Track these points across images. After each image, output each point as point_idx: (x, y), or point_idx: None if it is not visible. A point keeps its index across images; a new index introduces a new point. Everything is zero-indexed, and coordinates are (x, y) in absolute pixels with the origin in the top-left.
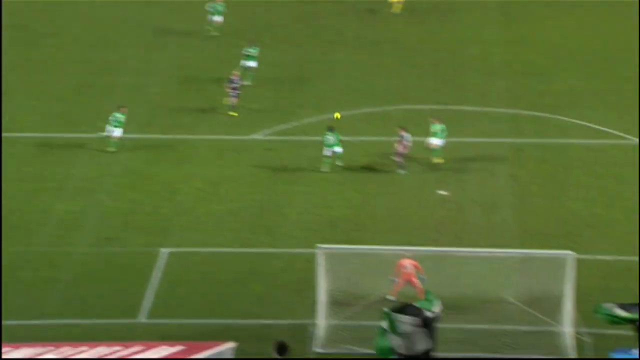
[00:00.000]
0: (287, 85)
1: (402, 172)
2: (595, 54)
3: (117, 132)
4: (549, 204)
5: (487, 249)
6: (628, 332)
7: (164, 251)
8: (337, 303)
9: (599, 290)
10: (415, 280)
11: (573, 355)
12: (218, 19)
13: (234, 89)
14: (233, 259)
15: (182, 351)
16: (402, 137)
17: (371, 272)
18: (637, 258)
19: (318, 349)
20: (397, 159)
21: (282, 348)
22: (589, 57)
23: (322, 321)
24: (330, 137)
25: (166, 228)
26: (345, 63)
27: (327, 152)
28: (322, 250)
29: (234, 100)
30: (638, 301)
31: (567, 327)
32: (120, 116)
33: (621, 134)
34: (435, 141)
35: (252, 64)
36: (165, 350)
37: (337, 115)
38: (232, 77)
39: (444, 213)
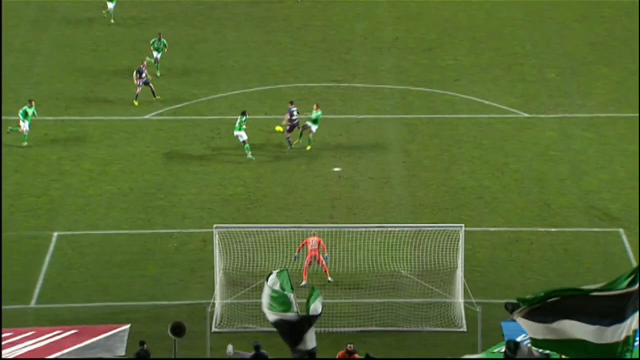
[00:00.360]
0: (178, 64)
1: (288, 148)
2: (483, 30)
3: (26, 126)
4: (440, 178)
5: (381, 224)
6: (513, 300)
7: (54, 234)
8: (233, 282)
9: (487, 261)
10: (321, 258)
11: (464, 325)
12: (110, 5)
13: (140, 78)
14: (126, 240)
15: (76, 335)
16: (290, 111)
17: (267, 249)
18: (523, 229)
19: (215, 328)
20: (287, 135)
21: (178, 329)
22: (477, 33)
23: (218, 300)
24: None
25: (55, 210)
26: (236, 41)
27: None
28: (218, 230)
29: (139, 90)
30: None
31: (458, 298)
32: (30, 110)
33: (507, 107)
34: (314, 127)
35: (158, 55)
36: (58, 335)
37: (279, 128)
38: (141, 67)
39: (338, 189)
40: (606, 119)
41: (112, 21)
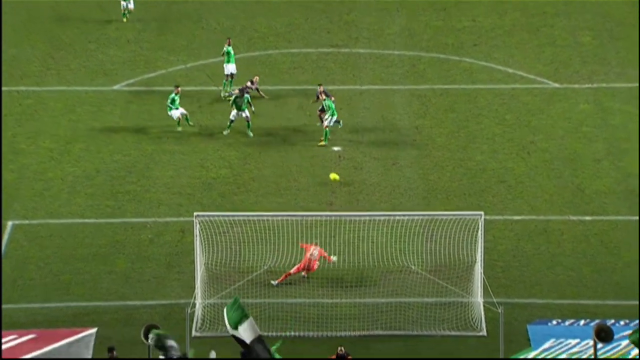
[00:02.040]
0: (152, 27)
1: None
2: None
3: None
4: (456, 159)
5: (387, 212)
6: (540, 300)
7: (8, 224)
8: (217, 279)
9: (511, 255)
10: (316, 267)
11: (483, 328)
12: None
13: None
14: (92, 231)
15: (34, 340)
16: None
17: (255, 241)
18: (552, 217)
19: (196, 332)
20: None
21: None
22: None
23: (199, 300)
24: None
25: (9, 196)
26: (216, 2)
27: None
28: (199, 218)
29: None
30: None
31: (476, 297)
32: None
33: (534, 76)
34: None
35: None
36: (13, 341)
37: (335, 176)
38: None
39: (338, 172)
40: None
41: None
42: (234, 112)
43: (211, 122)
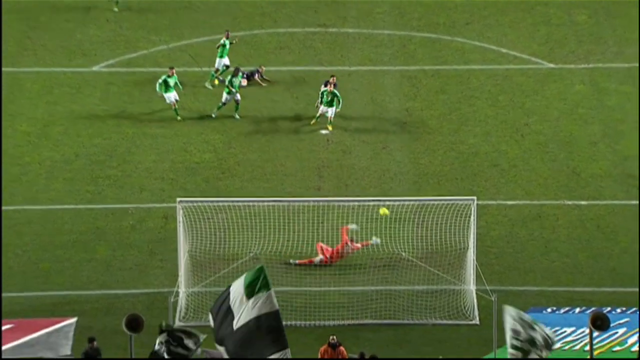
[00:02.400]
0: (133, 5)
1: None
2: None
3: None
4: (447, 142)
5: (377, 197)
6: (535, 287)
7: None
8: (201, 266)
9: (504, 241)
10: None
11: (476, 316)
12: None
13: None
14: (71, 217)
15: (11, 330)
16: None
17: (240, 228)
18: (547, 202)
19: (180, 322)
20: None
21: (134, 322)
22: None
23: (183, 289)
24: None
25: None
26: None
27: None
28: (182, 204)
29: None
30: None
31: (469, 285)
32: None
33: (528, 56)
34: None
35: None
36: None
37: (384, 211)
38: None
39: (326, 156)
40: None
41: None
42: (225, 94)
43: (195, 105)
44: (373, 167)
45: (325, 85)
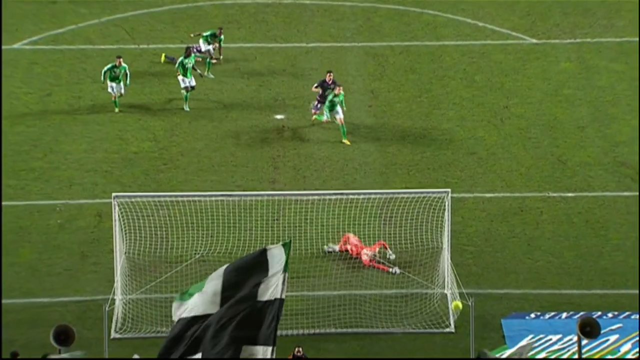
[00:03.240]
0: None
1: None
2: None
3: None
4: (418, 127)
5: (339, 190)
6: (516, 290)
7: None
8: (140, 270)
9: (483, 238)
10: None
11: (451, 323)
12: None
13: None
14: None
15: None
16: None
17: (185, 226)
18: (529, 194)
19: (116, 333)
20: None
21: (64, 335)
22: None
23: (120, 296)
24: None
25: None
26: None
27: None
28: (118, 200)
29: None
30: None
31: (443, 288)
32: None
33: (508, 31)
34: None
35: None
36: None
37: (457, 304)
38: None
39: (281, 144)
40: None
41: None
42: (181, 79)
43: (130, 87)
44: (334, 157)
45: (324, 88)
